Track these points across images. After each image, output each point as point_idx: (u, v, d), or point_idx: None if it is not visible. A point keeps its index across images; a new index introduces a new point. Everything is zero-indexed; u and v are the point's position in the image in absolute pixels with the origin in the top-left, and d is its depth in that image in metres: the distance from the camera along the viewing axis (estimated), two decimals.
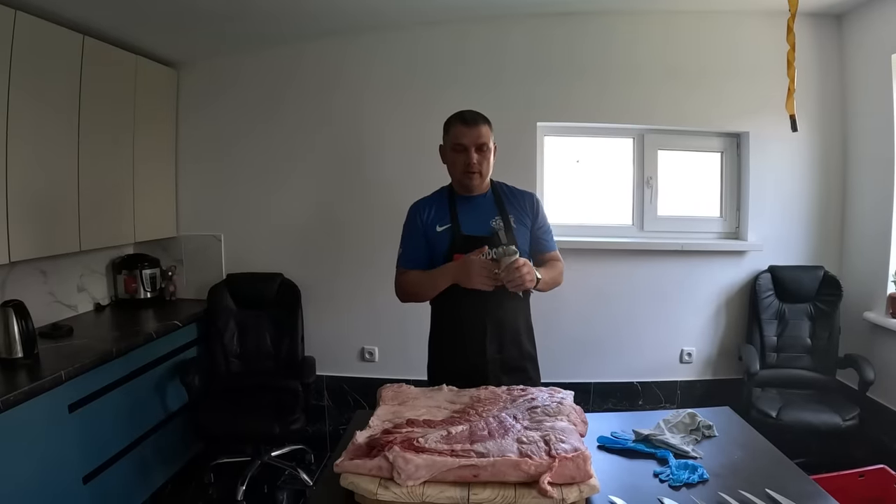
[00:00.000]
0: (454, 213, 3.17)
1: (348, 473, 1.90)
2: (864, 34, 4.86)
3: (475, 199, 3.21)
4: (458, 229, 3.12)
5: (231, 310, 5.17)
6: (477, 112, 3.17)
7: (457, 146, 3.09)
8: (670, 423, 2.55)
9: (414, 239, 3.22)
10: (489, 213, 3.16)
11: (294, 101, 5.31)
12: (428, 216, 3.20)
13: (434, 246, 3.16)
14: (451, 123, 3.17)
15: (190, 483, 4.82)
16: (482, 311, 3.09)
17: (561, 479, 1.85)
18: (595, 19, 5.08)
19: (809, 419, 4.40)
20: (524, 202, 3.26)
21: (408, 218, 3.30)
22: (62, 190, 4.10)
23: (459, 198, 3.22)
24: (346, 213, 5.36)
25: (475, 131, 3.07)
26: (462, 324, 3.15)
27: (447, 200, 3.24)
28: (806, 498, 1.99)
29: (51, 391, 3.39)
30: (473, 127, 3.08)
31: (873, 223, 4.85)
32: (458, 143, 3.08)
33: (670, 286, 5.28)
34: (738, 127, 5.20)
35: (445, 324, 3.29)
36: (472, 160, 3.06)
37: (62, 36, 3.98)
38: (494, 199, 3.22)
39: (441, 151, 3.24)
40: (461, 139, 3.07)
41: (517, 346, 3.20)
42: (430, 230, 3.17)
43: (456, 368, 3.11)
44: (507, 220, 3.14)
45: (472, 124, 3.08)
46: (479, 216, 3.15)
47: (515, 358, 3.19)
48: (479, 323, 3.11)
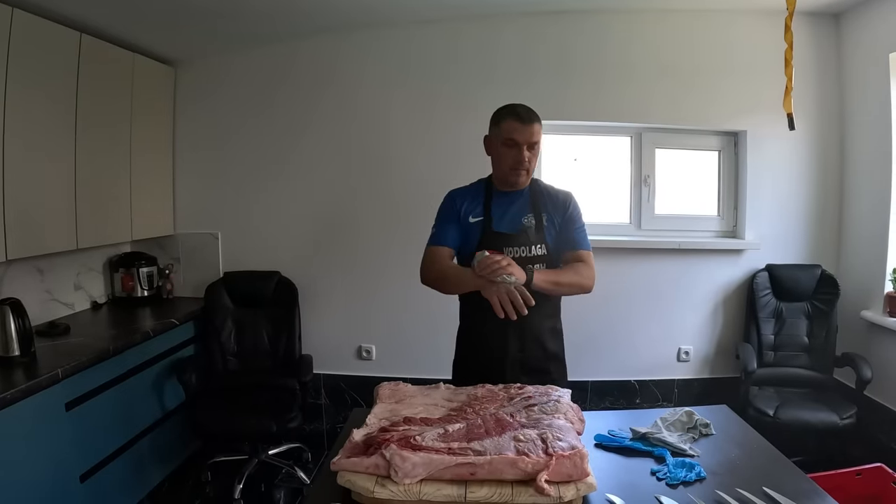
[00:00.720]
0: (488, 208, 3.14)
1: (345, 471, 1.89)
2: (862, 33, 4.86)
3: (511, 195, 3.16)
4: (490, 224, 3.10)
5: (228, 308, 5.17)
6: (531, 108, 3.08)
7: (509, 141, 3.01)
8: (668, 422, 2.55)
9: (448, 222, 3.18)
10: (522, 210, 3.13)
11: (291, 99, 5.31)
12: (462, 205, 3.17)
13: (467, 235, 3.14)
14: (502, 117, 3.08)
15: (187, 481, 4.82)
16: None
17: (558, 477, 1.85)
18: (592, 17, 5.08)
19: (807, 418, 4.41)
20: (558, 201, 3.19)
21: (444, 202, 3.27)
22: (59, 188, 4.09)
23: (496, 192, 3.18)
24: (344, 211, 5.37)
25: (529, 129, 3.01)
26: (484, 321, 3.08)
27: (483, 194, 3.20)
28: (803, 496, 1.99)
29: (48, 389, 3.38)
30: (528, 125, 3.01)
31: (871, 222, 4.86)
32: (510, 139, 3.01)
33: (668, 285, 5.29)
34: (736, 125, 5.20)
35: (469, 320, 3.32)
36: (524, 158, 3.00)
37: (59, 33, 3.98)
38: (530, 197, 3.17)
39: (486, 142, 3.18)
40: (514, 135, 3.00)
41: (541, 347, 3.16)
42: (464, 219, 3.14)
43: (478, 366, 3.12)
44: (539, 218, 3.10)
45: (528, 122, 3.01)
46: (513, 213, 3.12)
47: (538, 359, 3.15)
48: (502, 321, 2.95)
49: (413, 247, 5.03)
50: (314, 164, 5.35)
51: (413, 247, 5.03)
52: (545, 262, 3.05)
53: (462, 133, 5.10)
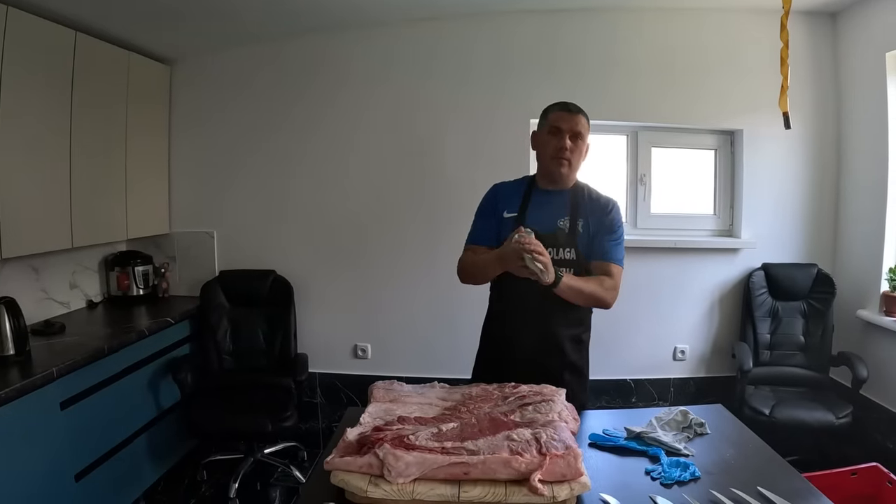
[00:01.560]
0: (525, 204, 3.11)
1: (339, 471, 1.89)
2: (859, 32, 4.86)
3: (552, 194, 3.13)
4: (522, 221, 3.02)
5: (224, 307, 5.17)
6: (577, 105, 3.11)
7: (553, 129, 3.04)
8: (662, 421, 2.55)
9: (486, 218, 3.18)
10: (559, 211, 3.07)
11: (286, 97, 5.31)
12: (501, 200, 3.16)
13: (502, 231, 3.06)
14: (550, 109, 3.13)
15: (182, 480, 4.82)
16: (528, 313, 3.03)
17: (552, 476, 1.84)
18: (588, 16, 5.08)
19: (802, 417, 4.41)
20: (598, 207, 3.12)
21: (485, 197, 3.26)
22: (54, 186, 4.08)
23: (537, 190, 3.16)
24: (340, 209, 5.36)
25: (574, 118, 3.03)
26: (504, 324, 3.14)
27: (524, 190, 3.17)
28: (798, 496, 1.99)
29: (42, 388, 3.38)
30: (574, 114, 3.04)
31: (867, 221, 4.86)
32: (554, 126, 3.03)
33: (664, 284, 5.29)
34: (732, 124, 5.21)
35: (492, 321, 3.28)
36: (566, 144, 3.00)
37: (54, 32, 3.97)
38: (571, 200, 3.11)
39: (533, 139, 3.20)
40: (559, 122, 3.03)
41: (559, 354, 3.08)
42: (500, 214, 3.12)
43: (493, 367, 3.11)
44: (574, 223, 3.04)
45: (574, 111, 3.05)
46: (549, 213, 3.07)
47: (553, 367, 3.02)
48: (520, 325, 3.05)
49: (410, 246, 5.06)
50: (310, 162, 5.34)
51: (410, 246, 5.06)
52: (572, 267, 2.99)
53: (456, 132, 5.13)
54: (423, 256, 5.12)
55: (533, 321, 3.02)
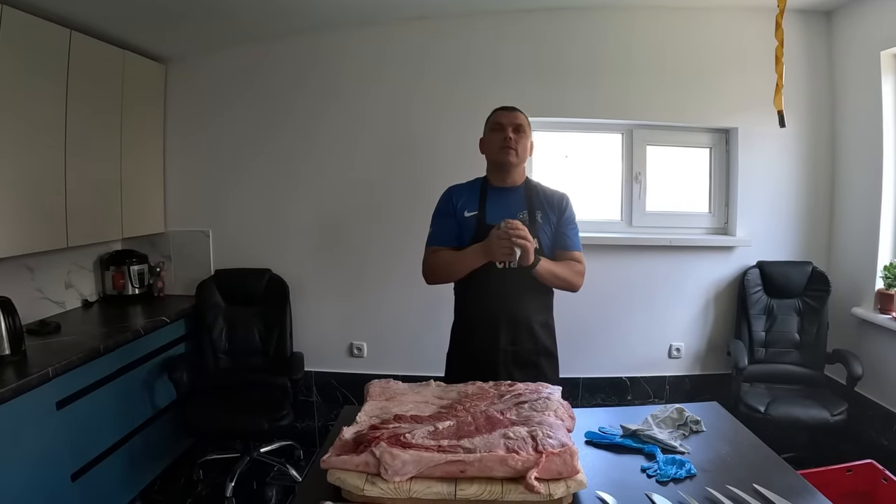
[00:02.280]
0: (483, 202, 3.28)
1: (335, 469, 1.89)
2: (854, 31, 4.87)
3: (506, 191, 3.31)
4: (484, 218, 3.21)
5: (219, 306, 5.16)
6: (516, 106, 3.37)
7: (495, 125, 3.28)
8: (658, 419, 2.55)
9: (445, 219, 3.33)
10: (517, 206, 3.26)
11: (282, 96, 5.30)
12: (459, 200, 3.32)
13: (462, 230, 3.26)
14: (491, 114, 3.38)
15: (179, 480, 4.82)
16: (499, 300, 3.20)
17: (548, 474, 1.85)
18: (584, 15, 5.08)
19: (798, 414, 4.42)
20: (553, 201, 3.33)
21: (441, 199, 3.41)
22: (49, 185, 4.07)
23: (492, 189, 3.33)
24: (335, 208, 5.36)
25: (513, 114, 3.30)
26: (477, 313, 3.26)
27: (479, 190, 3.34)
28: (793, 493, 1.99)
29: (38, 388, 3.37)
30: (512, 111, 3.31)
31: (861, 219, 4.87)
32: (497, 123, 3.28)
33: (659, 281, 5.30)
34: (727, 122, 5.21)
35: (463, 313, 3.40)
36: (509, 136, 3.21)
37: (49, 31, 3.96)
38: (525, 195, 3.31)
39: (481, 144, 3.43)
40: (500, 119, 3.28)
41: (532, 340, 3.26)
42: (459, 214, 3.28)
43: (470, 358, 3.26)
44: (533, 215, 3.23)
45: (512, 109, 3.32)
46: (507, 208, 3.23)
47: (529, 352, 3.26)
48: (493, 313, 3.21)
49: (404, 244, 5.06)
50: (305, 161, 5.34)
51: (404, 244, 5.06)
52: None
53: (450, 131, 5.13)
54: (419, 255, 5.11)
55: (507, 310, 3.20)
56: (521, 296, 3.20)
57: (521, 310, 3.22)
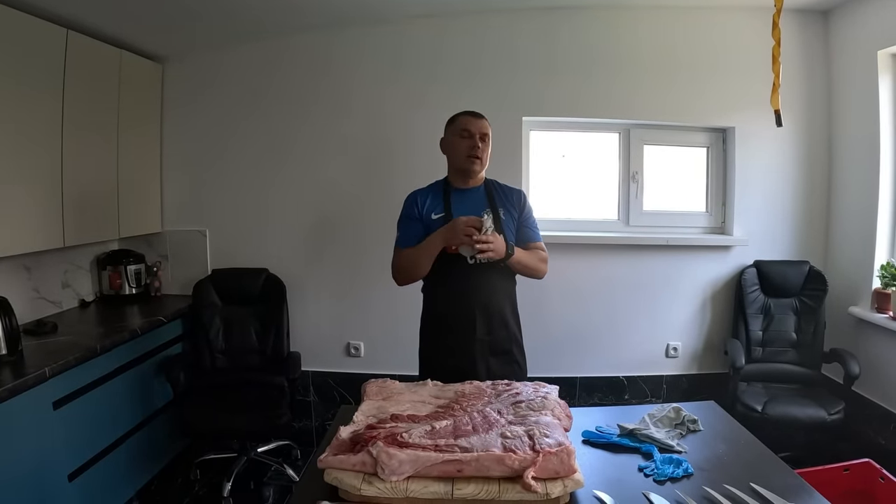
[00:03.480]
0: (448, 204, 3.41)
1: (332, 469, 1.89)
2: (850, 30, 4.87)
3: (468, 192, 3.47)
4: (451, 218, 3.30)
5: (216, 305, 5.15)
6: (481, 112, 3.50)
7: (463, 132, 3.39)
8: (655, 418, 2.56)
9: (411, 222, 3.45)
10: (480, 205, 3.36)
11: (279, 96, 5.29)
12: (423, 205, 3.44)
13: (430, 232, 3.34)
14: (457, 117, 3.50)
15: (176, 480, 4.81)
16: (471, 293, 3.32)
17: (545, 473, 1.85)
18: (581, 14, 5.08)
19: (795, 413, 4.42)
20: (512, 197, 3.50)
21: (405, 205, 3.53)
22: (46, 185, 4.06)
23: (454, 190, 3.48)
24: (332, 207, 5.35)
25: (480, 122, 3.42)
26: (452, 308, 3.35)
27: (442, 192, 3.48)
28: (790, 492, 2.00)
29: (35, 388, 3.36)
30: (479, 119, 3.44)
31: (858, 218, 4.87)
32: (465, 129, 3.39)
33: (656, 281, 5.30)
34: (724, 122, 5.21)
35: (435, 307, 3.50)
36: (477, 145, 3.35)
37: (45, 30, 3.95)
38: (486, 193, 3.46)
39: (442, 144, 3.57)
40: (469, 126, 3.39)
41: (505, 328, 3.41)
42: (426, 217, 3.41)
43: (446, 353, 3.34)
44: (496, 212, 3.34)
45: (479, 117, 3.45)
46: (472, 207, 3.33)
47: (503, 340, 3.40)
48: (468, 304, 3.31)
49: None
50: (302, 161, 5.33)
51: None
52: None
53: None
54: None
55: (481, 301, 3.33)
56: (492, 286, 3.35)
57: (493, 300, 3.36)
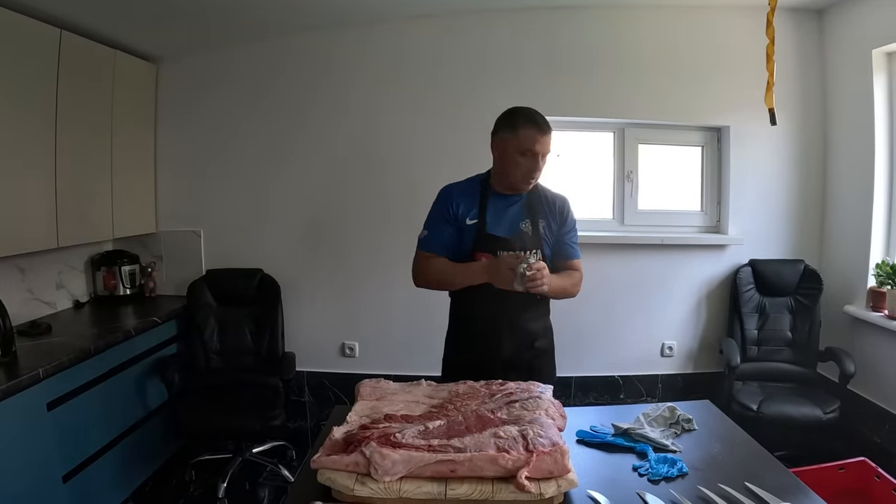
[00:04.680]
0: (483, 209, 3.07)
1: (325, 469, 1.89)
2: (845, 29, 4.88)
3: (509, 197, 3.11)
4: (484, 227, 3.04)
5: (211, 306, 5.14)
6: (544, 116, 2.99)
7: (528, 151, 2.91)
8: (650, 417, 2.55)
9: (442, 224, 3.11)
10: (519, 214, 3.09)
11: (274, 96, 5.29)
12: (458, 206, 3.09)
13: (462, 237, 3.08)
14: (519, 124, 2.95)
15: (171, 481, 4.80)
16: (500, 312, 3.05)
17: (538, 473, 1.85)
18: (577, 13, 5.08)
19: (790, 412, 4.42)
20: (555, 206, 3.16)
21: (438, 200, 3.19)
22: (40, 186, 4.06)
23: (493, 194, 3.11)
24: (327, 208, 5.36)
25: (547, 139, 2.94)
26: (477, 324, 3.13)
27: (479, 194, 3.12)
28: (785, 490, 2.00)
29: (29, 389, 3.36)
30: (547, 134, 2.94)
31: (853, 217, 4.89)
32: (529, 150, 2.91)
33: (651, 280, 5.31)
34: (719, 121, 5.22)
35: (461, 321, 3.27)
36: (539, 167, 2.97)
37: (39, 30, 3.94)
38: (527, 202, 3.12)
39: (497, 144, 3.06)
40: (534, 146, 2.91)
41: (532, 348, 3.18)
42: (461, 220, 3.07)
43: (469, 368, 3.02)
44: (535, 224, 3.08)
45: (547, 131, 2.94)
46: (509, 216, 3.08)
47: (528, 358, 3.16)
48: (495, 325, 3.07)
49: (398, 245, 5.04)
50: (297, 161, 5.33)
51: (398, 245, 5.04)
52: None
53: (449, 129, 5.12)
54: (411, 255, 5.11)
55: (509, 320, 3.08)
56: (522, 304, 3.06)
57: (522, 319, 3.11)
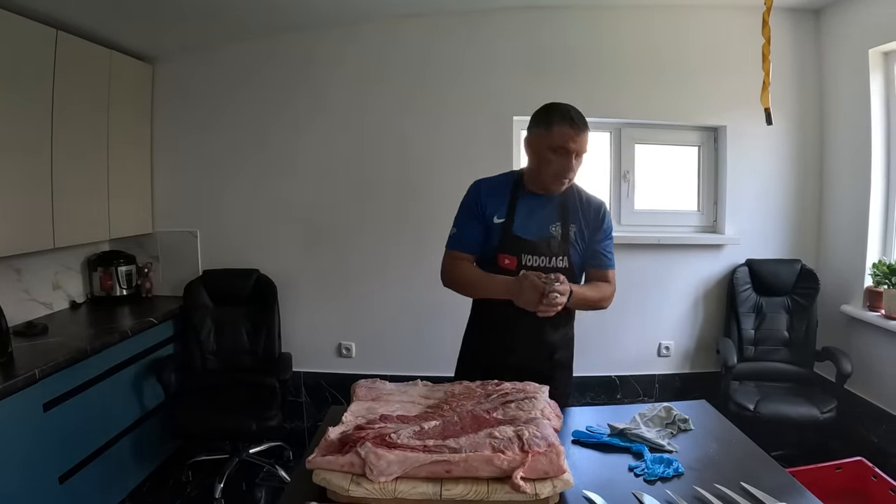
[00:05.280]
0: (512, 209, 2.96)
1: (320, 469, 1.88)
2: (842, 29, 4.88)
3: (541, 198, 2.99)
4: (510, 227, 2.93)
5: (207, 306, 5.15)
6: (581, 114, 2.87)
7: (560, 150, 2.79)
8: (646, 417, 2.55)
9: (470, 221, 3.01)
10: (550, 217, 2.97)
11: (269, 96, 5.29)
12: (487, 203, 2.98)
13: (489, 235, 2.98)
14: (553, 121, 2.84)
15: (167, 481, 4.79)
16: (517, 319, 2.87)
17: (534, 474, 1.84)
18: (572, 13, 5.08)
19: (787, 412, 4.43)
20: (590, 212, 3.02)
21: (468, 194, 3.08)
22: (36, 186, 4.05)
23: (525, 193, 3.00)
24: (323, 208, 5.36)
25: (583, 137, 2.82)
26: (493, 326, 3.05)
27: (510, 193, 3.01)
28: (781, 491, 1.99)
29: (25, 390, 3.36)
30: (583, 132, 2.82)
31: (850, 216, 4.90)
32: (562, 147, 2.79)
33: (648, 280, 5.31)
34: (716, 121, 5.23)
35: (479, 320, 3.18)
36: (573, 167, 2.84)
37: (35, 30, 3.93)
38: (560, 204, 2.99)
39: (530, 142, 2.95)
40: (568, 143, 2.78)
41: (549, 357, 3.07)
42: (488, 218, 2.96)
43: (481, 369, 2.96)
44: (566, 229, 2.95)
45: (583, 129, 2.82)
46: (539, 218, 2.96)
47: (545, 368, 3.00)
48: (510, 328, 2.97)
49: (393, 245, 5.05)
50: (293, 161, 5.33)
51: (393, 245, 5.05)
52: (564, 276, 2.75)
53: (441, 130, 5.13)
54: (407, 255, 5.12)
55: (526, 330, 2.96)
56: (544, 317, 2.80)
57: (542, 329, 2.98)
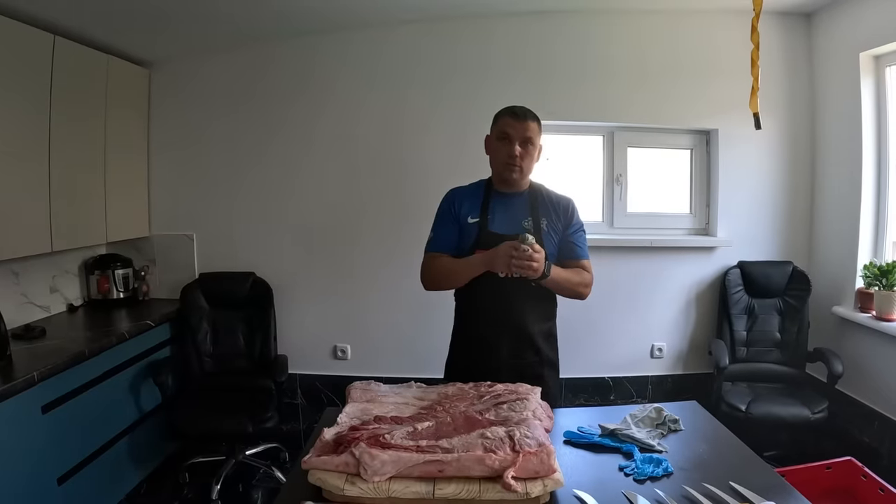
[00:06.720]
0: (486, 208, 3.13)
1: (316, 470, 1.91)
2: (833, 33, 4.92)
3: (510, 197, 3.16)
4: (486, 225, 3.08)
5: (204, 309, 5.16)
6: (528, 109, 3.10)
7: (502, 134, 3.05)
8: (637, 418, 2.57)
9: (446, 225, 3.17)
10: (521, 213, 3.12)
11: (266, 100, 5.31)
12: (461, 206, 3.15)
13: (463, 236, 3.12)
14: (500, 115, 3.13)
15: (165, 483, 4.81)
16: (500, 312, 3.07)
17: (525, 473, 1.87)
18: (566, 18, 5.11)
19: (779, 412, 4.45)
20: (559, 207, 3.18)
21: (442, 203, 3.25)
22: (33, 190, 4.07)
23: (495, 193, 3.18)
24: (319, 211, 5.37)
25: (523, 125, 3.02)
26: (477, 324, 3.15)
27: (483, 194, 3.19)
28: (770, 490, 2.01)
29: (23, 392, 3.37)
30: (522, 121, 3.03)
31: (841, 218, 4.92)
32: (504, 132, 3.05)
33: (641, 282, 5.34)
34: (708, 124, 5.26)
35: (463, 321, 3.28)
36: (515, 152, 3.01)
37: (32, 36, 3.95)
38: (529, 201, 3.16)
39: (486, 143, 3.21)
40: (508, 129, 3.03)
41: (535, 352, 3.17)
42: (462, 220, 3.13)
43: (470, 370, 3.01)
44: (538, 223, 3.09)
45: (522, 118, 3.04)
46: (511, 215, 3.11)
47: (533, 364, 3.14)
48: (494, 324, 3.08)
49: (389, 247, 5.07)
50: (288, 165, 5.35)
51: (389, 247, 5.07)
52: None
53: (434, 134, 5.16)
54: (402, 258, 5.13)
55: (508, 321, 3.07)
56: (525, 305, 3.09)
57: (524, 321, 3.10)
